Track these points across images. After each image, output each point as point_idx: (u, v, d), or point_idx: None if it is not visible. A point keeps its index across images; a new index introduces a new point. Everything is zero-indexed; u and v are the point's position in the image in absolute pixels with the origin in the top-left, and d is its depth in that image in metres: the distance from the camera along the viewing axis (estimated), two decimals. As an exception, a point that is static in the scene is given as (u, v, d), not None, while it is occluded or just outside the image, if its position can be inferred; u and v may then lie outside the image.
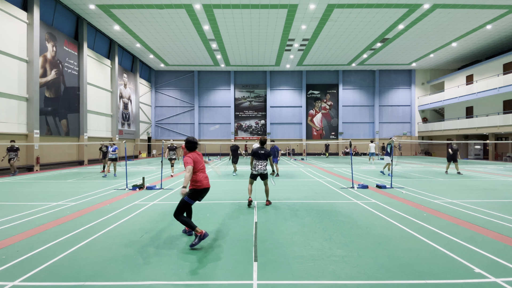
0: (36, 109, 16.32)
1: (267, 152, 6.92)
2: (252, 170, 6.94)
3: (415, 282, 3.14)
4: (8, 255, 3.90)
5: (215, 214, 6.14)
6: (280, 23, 21.28)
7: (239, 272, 3.40)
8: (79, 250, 4.09)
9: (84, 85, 20.82)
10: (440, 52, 28.11)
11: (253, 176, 6.97)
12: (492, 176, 13.00)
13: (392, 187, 9.61)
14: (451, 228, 5.06)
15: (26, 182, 11.41)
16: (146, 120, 33.54)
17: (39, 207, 6.82)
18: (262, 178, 6.94)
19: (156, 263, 3.64)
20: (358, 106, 35.38)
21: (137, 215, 6.11)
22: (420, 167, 17.67)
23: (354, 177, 11.99)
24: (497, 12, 19.40)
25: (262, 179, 6.97)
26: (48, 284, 3.11)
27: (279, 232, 4.92)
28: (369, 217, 5.84)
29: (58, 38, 18.52)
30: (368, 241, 4.44)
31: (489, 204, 7.09)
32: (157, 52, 27.75)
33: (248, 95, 35.29)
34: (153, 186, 9.65)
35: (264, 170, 6.89)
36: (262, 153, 6.89)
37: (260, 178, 6.96)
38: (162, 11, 19.06)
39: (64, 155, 19.29)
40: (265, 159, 6.90)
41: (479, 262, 3.63)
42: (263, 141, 7.04)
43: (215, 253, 4.00)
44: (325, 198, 7.86)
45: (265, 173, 6.92)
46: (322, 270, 3.43)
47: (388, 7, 18.77)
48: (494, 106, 26.35)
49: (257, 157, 6.88)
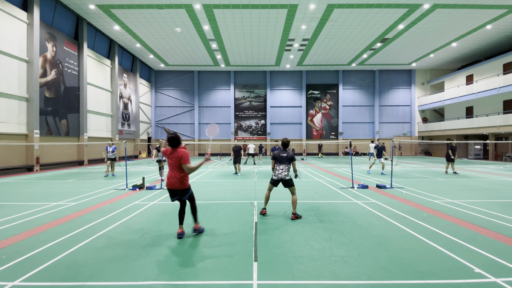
0: (36, 109, 16.31)
1: (290, 156, 6.00)
2: (273, 175, 6.07)
3: (415, 282, 3.13)
4: (8, 255, 3.90)
5: (215, 214, 6.14)
6: (280, 23, 21.28)
7: (239, 272, 3.40)
8: (79, 250, 4.09)
9: (84, 85, 20.82)
10: (440, 52, 28.10)
11: (273, 182, 6.04)
12: (492, 176, 13.00)
13: (392, 187, 9.61)
14: (451, 228, 5.06)
15: (26, 182, 11.41)
16: (146, 120, 33.54)
17: (39, 207, 6.81)
18: (286, 185, 5.95)
19: (156, 263, 3.64)
20: (358, 106, 35.38)
21: (137, 215, 6.11)
22: (420, 167, 17.67)
23: (354, 177, 11.99)
24: (497, 12, 19.40)
25: (285, 186, 5.97)
26: (48, 284, 3.11)
27: (279, 232, 4.92)
28: (369, 217, 5.84)
29: (58, 38, 18.51)
30: (368, 241, 4.44)
31: (489, 204, 7.09)
32: (157, 52, 27.75)
33: (248, 95, 35.29)
34: (153, 186, 9.65)
35: (287, 175, 5.93)
36: (284, 156, 5.95)
37: (283, 185, 6.00)
38: (162, 11, 19.06)
39: (64, 155, 19.28)
40: (288, 163, 5.98)
41: (479, 262, 3.63)
42: (286, 144, 6.07)
43: (215, 253, 3.99)
44: (325, 198, 7.86)
45: (288, 179, 5.91)
46: (322, 270, 3.43)
47: (388, 7, 18.77)
48: (494, 106, 26.35)
49: (279, 161, 5.99)
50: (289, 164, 6.00)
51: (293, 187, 5.96)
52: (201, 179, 12.35)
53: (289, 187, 5.94)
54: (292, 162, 6.00)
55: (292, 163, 6.00)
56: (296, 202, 5.87)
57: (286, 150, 6.12)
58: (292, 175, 7.61)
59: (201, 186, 10.31)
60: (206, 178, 12.72)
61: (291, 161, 5.99)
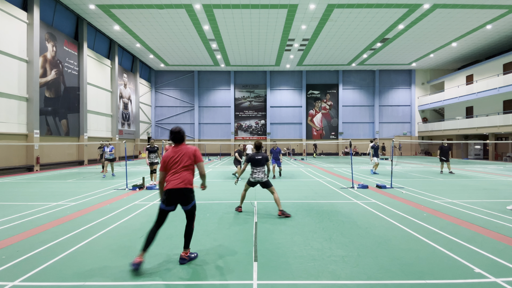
0: (36, 109, 16.31)
1: (265, 157, 6.08)
2: (250, 177, 6.16)
3: (415, 282, 3.13)
4: (8, 255, 3.90)
5: (215, 214, 6.14)
6: (280, 23, 21.28)
7: (239, 272, 3.40)
8: (79, 250, 4.09)
9: (84, 85, 20.82)
10: (440, 52, 28.10)
11: (250, 183, 6.13)
12: (492, 176, 12.99)
13: (392, 187, 9.61)
14: (451, 228, 5.06)
15: (26, 182, 11.41)
16: (146, 120, 33.55)
17: (39, 207, 6.81)
18: (264, 186, 6.06)
19: (156, 263, 3.64)
20: (358, 106, 35.38)
21: (137, 215, 6.11)
22: (420, 167, 17.67)
23: (354, 177, 11.99)
24: (497, 12, 19.40)
25: (263, 187, 6.08)
26: (48, 284, 3.11)
27: (279, 232, 4.92)
28: (369, 217, 5.84)
29: (58, 38, 18.51)
30: (368, 241, 4.44)
31: (489, 204, 7.09)
32: (157, 52, 27.75)
33: (248, 95, 35.29)
34: (153, 186, 9.65)
35: (263, 178, 6.03)
36: (259, 158, 6.04)
37: (261, 186, 6.11)
38: (162, 11, 19.06)
39: (64, 155, 19.29)
40: (263, 165, 6.08)
41: (479, 262, 3.62)
42: (258, 146, 6.15)
43: (215, 253, 3.99)
44: (325, 198, 7.85)
45: (265, 181, 6.04)
46: (322, 270, 3.43)
47: (388, 7, 18.77)
48: (494, 106, 26.35)
49: (255, 164, 6.05)
50: (265, 166, 6.10)
51: (272, 187, 6.04)
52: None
53: (268, 187, 6.04)
54: (266, 163, 6.12)
55: (266, 164, 6.12)
56: (279, 200, 5.97)
57: (259, 152, 6.19)
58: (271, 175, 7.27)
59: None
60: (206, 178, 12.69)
61: (266, 162, 6.11)
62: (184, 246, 3.70)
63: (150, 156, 10.33)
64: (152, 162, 10.35)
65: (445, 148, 13.87)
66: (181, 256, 3.64)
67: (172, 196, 3.56)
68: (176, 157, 3.67)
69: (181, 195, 3.58)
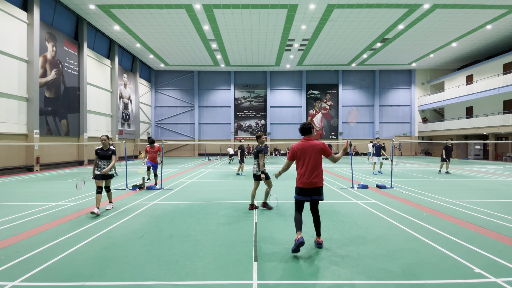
0: (36, 109, 16.31)
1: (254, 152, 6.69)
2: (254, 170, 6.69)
3: (415, 282, 3.13)
4: (8, 255, 3.90)
5: (215, 214, 6.14)
6: (280, 23, 21.27)
7: (239, 272, 3.40)
8: (79, 250, 4.09)
9: (84, 85, 20.82)
10: (440, 52, 28.10)
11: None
12: (492, 176, 13.00)
13: (392, 187, 9.61)
14: (451, 228, 5.06)
15: (26, 182, 11.41)
16: (146, 120, 33.54)
17: (39, 207, 6.81)
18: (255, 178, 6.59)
19: (156, 263, 3.64)
20: (358, 106, 35.38)
21: (137, 215, 6.11)
22: (420, 167, 17.67)
23: (354, 177, 11.99)
24: (497, 12, 19.40)
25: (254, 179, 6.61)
26: (48, 284, 3.11)
27: (279, 232, 4.92)
28: (369, 217, 5.84)
29: (58, 38, 18.51)
30: (368, 241, 4.44)
31: (489, 204, 7.09)
32: (157, 52, 27.75)
33: (248, 95, 35.29)
34: (153, 186, 9.65)
35: (254, 170, 6.52)
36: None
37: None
38: (162, 11, 19.06)
39: (64, 155, 19.28)
40: (255, 159, 6.60)
41: (479, 262, 3.62)
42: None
43: (215, 253, 3.99)
44: (325, 198, 7.85)
45: (256, 174, 6.47)
46: (322, 270, 3.43)
47: (388, 7, 18.77)
48: (494, 106, 26.35)
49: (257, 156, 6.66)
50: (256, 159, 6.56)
51: (258, 182, 6.52)
52: (201, 179, 12.35)
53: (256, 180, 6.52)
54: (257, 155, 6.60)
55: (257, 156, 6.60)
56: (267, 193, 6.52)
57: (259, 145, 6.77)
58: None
59: (201, 186, 10.31)
60: (206, 178, 12.72)
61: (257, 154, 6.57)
62: (318, 233, 4.27)
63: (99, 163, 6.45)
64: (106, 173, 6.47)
65: (450, 148, 13.88)
66: (316, 242, 4.21)
67: (307, 193, 4.25)
68: (307, 151, 4.06)
69: (316, 191, 4.22)
